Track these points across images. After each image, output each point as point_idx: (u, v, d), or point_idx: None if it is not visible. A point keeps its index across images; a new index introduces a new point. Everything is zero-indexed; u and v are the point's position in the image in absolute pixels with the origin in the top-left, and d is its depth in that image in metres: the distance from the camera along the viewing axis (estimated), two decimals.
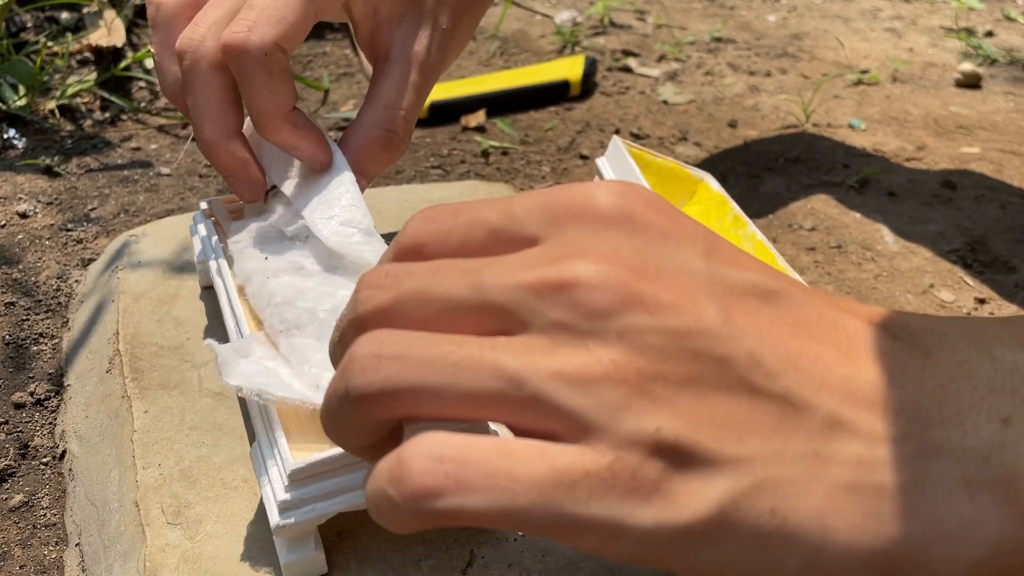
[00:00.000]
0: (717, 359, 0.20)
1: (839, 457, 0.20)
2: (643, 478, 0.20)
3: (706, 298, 0.21)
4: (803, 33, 0.94)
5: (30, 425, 0.42)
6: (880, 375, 0.21)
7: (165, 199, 0.60)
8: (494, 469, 0.20)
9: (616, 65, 0.83)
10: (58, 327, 0.48)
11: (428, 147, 0.68)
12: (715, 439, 0.20)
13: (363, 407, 0.22)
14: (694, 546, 0.20)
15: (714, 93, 0.79)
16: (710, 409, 0.20)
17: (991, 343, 0.21)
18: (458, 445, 0.20)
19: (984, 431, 0.20)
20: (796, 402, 0.20)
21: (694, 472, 0.20)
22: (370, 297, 0.23)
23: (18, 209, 0.58)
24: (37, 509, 0.38)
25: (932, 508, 0.20)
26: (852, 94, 0.80)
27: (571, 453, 0.20)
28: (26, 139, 0.66)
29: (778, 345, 0.21)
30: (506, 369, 0.20)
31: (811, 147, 0.70)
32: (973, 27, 0.96)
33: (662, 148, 0.69)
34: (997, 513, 0.20)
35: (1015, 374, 0.21)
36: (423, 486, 0.20)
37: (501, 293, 0.21)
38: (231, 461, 0.35)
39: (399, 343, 0.22)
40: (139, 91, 0.75)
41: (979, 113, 0.77)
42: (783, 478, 0.20)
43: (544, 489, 0.20)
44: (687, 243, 0.22)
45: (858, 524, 0.20)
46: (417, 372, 0.21)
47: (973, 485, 0.20)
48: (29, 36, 0.78)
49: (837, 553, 0.20)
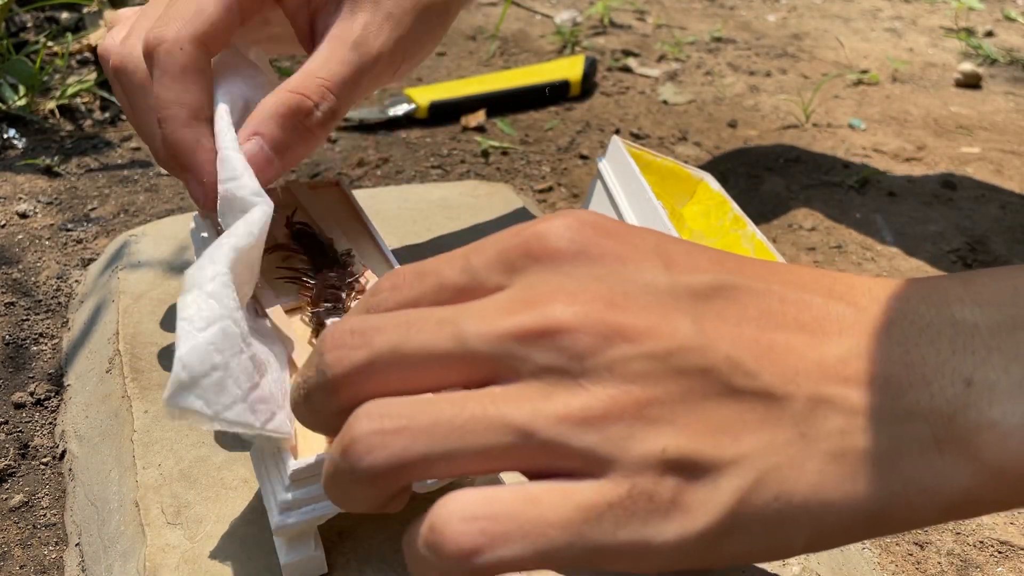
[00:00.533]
0: (700, 371, 0.22)
1: (824, 432, 0.22)
2: (660, 498, 0.21)
3: (676, 313, 0.22)
4: (803, 33, 0.94)
5: (30, 425, 0.42)
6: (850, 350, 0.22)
7: (165, 199, 0.60)
8: (526, 518, 0.21)
9: (616, 65, 0.83)
10: (58, 327, 0.48)
11: (428, 147, 0.68)
12: (715, 445, 0.21)
13: (375, 483, 0.22)
14: (714, 546, 0.21)
15: (714, 93, 0.79)
16: (704, 418, 0.21)
17: (951, 305, 0.22)
18: (485, 501, 0.21)
19: (949, 392, 0.21)
20: (777, 394, 0.22)
21: (703, 480, 0.21)
22: (340, 359, 0.23)
23: (18, 209, 0.58)
24: (37, 509, 0.38)
25: (909, 466, 0.21)
26: (852, 94, 0.80)
27: (591, 489, 0.21)
28: (26, 139, 0.66)
29: (750, 343, 0.22)
30: (513, 422, 0.21)
31: (811, 147, 0.70)
32: (973, 27, 0.96)
33: (662, 148, 0.69)
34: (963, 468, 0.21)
35: (975, 335, 0.22)
36: (461, 548, 0.20)
37: (484, 343, 0.22)
38: (231, 461, 0.35)
39: (399, 414, 0.22)
40: None
41: (979, 113, 0.77)
42: (779, 465, 0.21)
43: (574, 527, 0.21)
44: (645, 262, 0.23)
45: (848, 489, 0.21)
46: (425, 441, 0.21)
47: (942, 442, 0.21)
48: (29, 36, 0.78)
49: (835, 518, 0.21)
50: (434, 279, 0.24)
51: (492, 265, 0.23)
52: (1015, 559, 0.36)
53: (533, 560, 0.21)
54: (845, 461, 0.21)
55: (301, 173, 0.64)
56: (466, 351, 0.22)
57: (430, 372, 0.22)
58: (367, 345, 0.23)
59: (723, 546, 0.21)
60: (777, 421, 0.22)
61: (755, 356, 0.22)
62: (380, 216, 0.50)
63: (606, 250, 0.23)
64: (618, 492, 0.21)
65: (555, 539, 0.21)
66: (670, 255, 0.24)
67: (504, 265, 0.23)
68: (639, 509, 0.21)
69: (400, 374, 0.22)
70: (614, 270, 0.23)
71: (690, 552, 0.21)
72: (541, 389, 0.21)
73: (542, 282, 0.23)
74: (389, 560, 0.31)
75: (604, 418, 0.21)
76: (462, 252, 0.24)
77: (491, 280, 0.23)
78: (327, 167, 0.65)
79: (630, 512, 0.21)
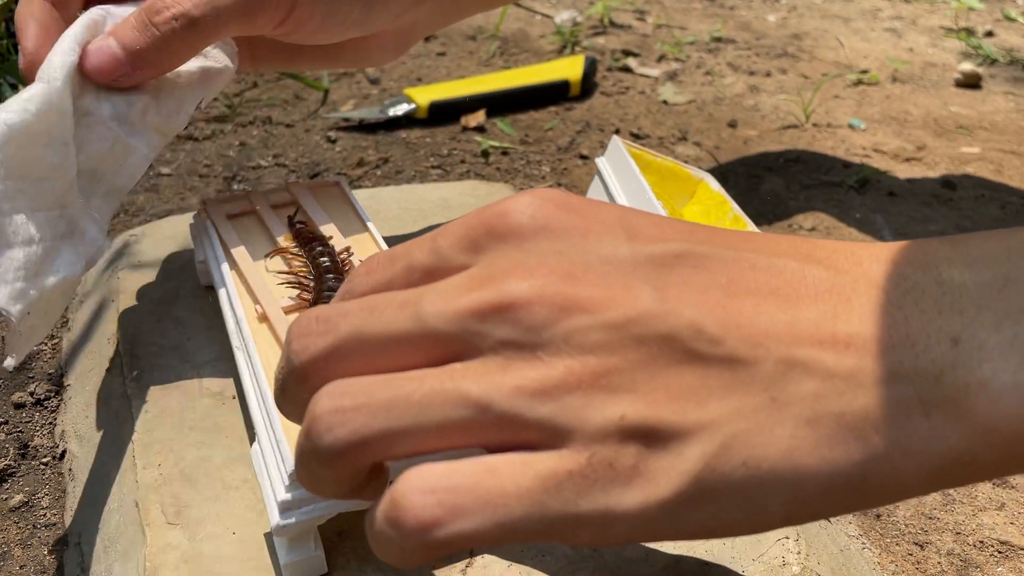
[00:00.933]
0: (662, 338, 0.21)
1: (795, 397, 0.21)
2: (620, 465, 0.21)
3: (637, 282, 0.22)
4: (803, 33, 0.94)
5: (30, 425, 0.42)
6: (824, 313, 0.22)
7: (165, 199, 0.60)
8: (484, 489, 0.21)
9: (616, 65, 0.83)
10: (58, 327, 0.48)
11: (428, 147, 0.68)
12: (678, 412, 0.21)
13: (337, 463, 0.22)
14: (682, 515, 0.21)
15: (714, 93, 0.79)
16: (667, 385, 0.21)
17: (938, 265, 0.22)
18: (445, 473, 0.21)
19: (935, 352, 0.21)
20: (743, 358, 0.21)
21: (666, 447, 0.21)
22: (306, 347, 0.23)
23: None
24: (37, 509, 0.38)
25: (893, 428, 0.21)
26: (852, 94, 0.80)
27: (551, 459, 0.21)
28: None
29: (715, 309, 0.22)
30: (470, 396, 0.21)
31: (811, 147, 0.70)
32: (973, 27, 0.96)
33: (662, 148, 0.69)
34: (952, 429, 0.20)
35: (963, 294, 0.21)
36: (420, 520, 0.20)
37: (444, 322, 0.22)
38: (231, 461, 0.35)
39: (359, 392, 0.22)
40: None
41: (979, 113, 0.77)
42: (747, 430, 0.21)
43: (534, 497, 0.21)
44: (607, 235, 0.23)
45: (825, 454, 0.21)
46: (384, 418, 0.21)
47: (928, 404, 0.20)
48: None
49: (812, 484, 0.21)
50: (404, 261, 0.24)
51: (457, 245, 0.24)
52: (1015, 559, 0.36)
53: (494, 533, 0.21)
54: (820, 426, 0.21)
55: (301, 173, 0.64)
56: (426, 331, 0.22)
57: (393, 354, 0.22)
58: (331, 331, 0.23)
59: (692, 516, 0.21)
60: (745, 386, 0.21)
61: (720, 321, 0.21)
62: (380, 216, 0.50)
63: (568, 225, 0.23)
64: (577, 461, 0.21)
65: (515, 510, 0.21)
66: (635, 227, 0.23)
67: (468, 244, 0.23)
68: (600, 477, 0.21)
69: (364, 357, 0.23)
70: (575, 243, 0.23)
71: (657, 521, 0.21)
72: (499, 363, 0.21)
73: (503, 259, 0.23)
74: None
75: (560, 388, 0.21)
76: (431, 234, 0.24)
77: (456, 260, 0.23)
78: (327, 167, 0.65)
79: (590, 480, 0.21)
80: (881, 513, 0.38)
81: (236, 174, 0.63)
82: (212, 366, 0.39)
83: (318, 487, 0.23)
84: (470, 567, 0.31)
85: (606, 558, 0.31)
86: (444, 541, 0.20)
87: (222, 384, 0.39)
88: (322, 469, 0.22)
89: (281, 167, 0.64)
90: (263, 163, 0.65)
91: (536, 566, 0.31)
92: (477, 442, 0.22)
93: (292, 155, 0.66)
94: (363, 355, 0.23)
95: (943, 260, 0.22)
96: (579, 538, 0.21)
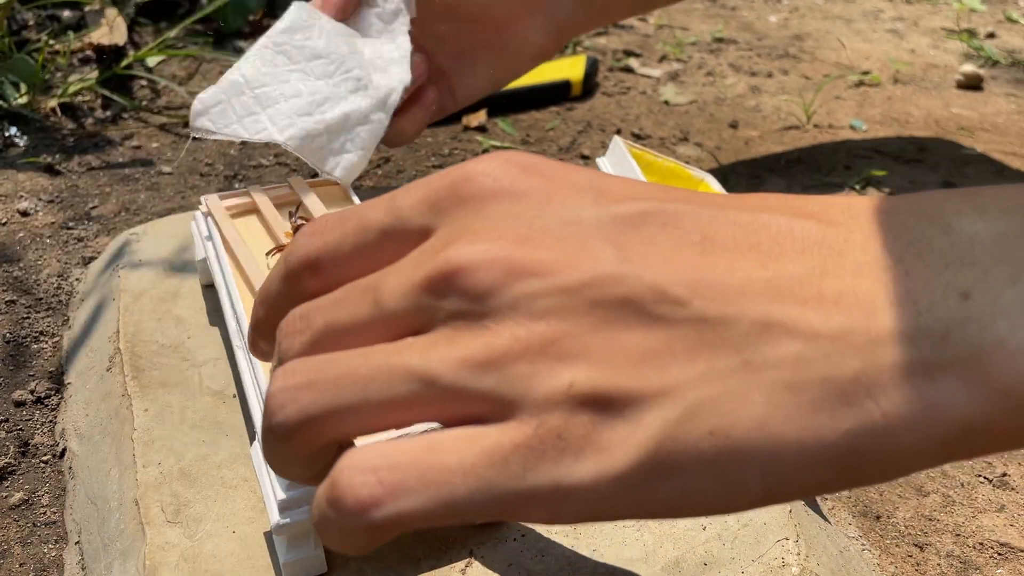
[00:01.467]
0: (619, 301, 0.20)
1: (773, 360, 0.19)
2: (570, 436, 0.19)
3: (598, 243, 0.20)
4: (805, 34, 0.93)
5: (30, 423, 0.42)
6: (811, 268, 0.20)
7: (166, 198, 0.60)
8: (426, 466, 0.20)
9: (617, 65, 0.83)
10: (58, 325, 0.48)
11: (429, 147, 0.68)
12: (635, 377, 0.19)
13: (290, 441, 0.21)
14: (643, 489, 0.19)
15: (715, 94, 0.79)
16: (624, 350, 0.19)
17: (947, 216, 0.20)
18: (386, 451, 0.20)
19: (941, 309, 0.18)
20: (711, 319, 0.19)
21: (622, 416, 0.19)
22: (291, 345, 0.23)
23: (19, 207, 0.58)
24: (37, 507, 0.38)
25: (891, 394, 0.18)
26: (853, 95, 0.80)
27: (497, 432, 0.20)
28: (27, 137, 0.66)
29: (682, 267, 0.20)
30: (415, 370, 0.20)
31: (812, 148, 0.70)
32: (975, 28, 0.96)
33: (663, 148, 0.69)
34: (962, 392, 0.18)
35: (975, 244, 0.19)
36: (359, 500, 0.19)
37: (398, 300, 0.21)
38: (231, 460, 0.35)
39: (309, 370, 0.21)
40: (140, 90, 0.75)
41: (980, 115, 0.77)
42: (715, 396, 0.19)
43: (478, 472, 0.19)
44: (572, 197, 0.21)
45: (808, 423, 0.19)
46: (331, 394, 0.21)
47: (934, 366, 0.18)
48: (31, 34, 0.78)
49: (794, 457, 0.19)
50: (356, 221, 0.23)
51: (416, 206, 0.22)
52: (1015, 561, 0.36)
53: (439, 512, 0.19)
54: (802, 391, 0.19)
55: (303, 172, 0.64)
56: (384, 312, 0.22)
57: (359, 340, 0.22)
58: (309, 328, 0.23)
59: (656, 491, 0.19)
60: (713, 348, 0.19)
61: (687, 281, 0.20)
62: None
63: (532, 187, 0.22)
64: (524, 432, 0.19)
65: (458, 487, 0.19)
66: (604, 188, 0.22)
67: (429, 206, 0.22)
68: (548, 449, 0.19)
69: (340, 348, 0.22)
70: (536, 206, 0.21)
71: (616, 497, 0.19)
72: (447, 335, 0.20)
73: (458, 225, 0.21)
74: (388, 560, 0.31)
75: (506, 358, 0.20)
76: (389, 195, 0.23)
77: (415, 220, 0.22)
78: None
79: (538, 453, 0.19)
80: (881, 515, 0.38)
81: (237, 173, 0.63)
82: (212, 365, 0.39)
83: (283, 468, 0.23)
84: (469, 567, 0.31)
85: (605, 558, 0.31)
86: (385, 521, 0.19)
87: (222, 383, 0.39)
88: (280, 447, 0.22)
89: (282, 166, 0.64)
90: (264, 162, 0.65)
91: (535, 566, 0.31)
92: (427, 418, 0.21)
93: (292, 154, 0.66)
94: (334, 346, 0.22)
95: (952, 211, 0.20)
96: (533, 515, 0.20)
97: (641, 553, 0.31)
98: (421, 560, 0.31)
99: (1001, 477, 0.40)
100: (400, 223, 0.23)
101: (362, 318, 0.22)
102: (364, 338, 0.22)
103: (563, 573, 0.30)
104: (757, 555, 0.31)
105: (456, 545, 0.31)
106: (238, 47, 0.82)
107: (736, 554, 0.31)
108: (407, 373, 0.20)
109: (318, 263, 0.24)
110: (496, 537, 0.32)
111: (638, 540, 0.32)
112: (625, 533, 0.32)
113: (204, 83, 0.77)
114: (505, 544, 0.31)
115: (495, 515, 0.20)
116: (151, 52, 0.76)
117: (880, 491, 0.39)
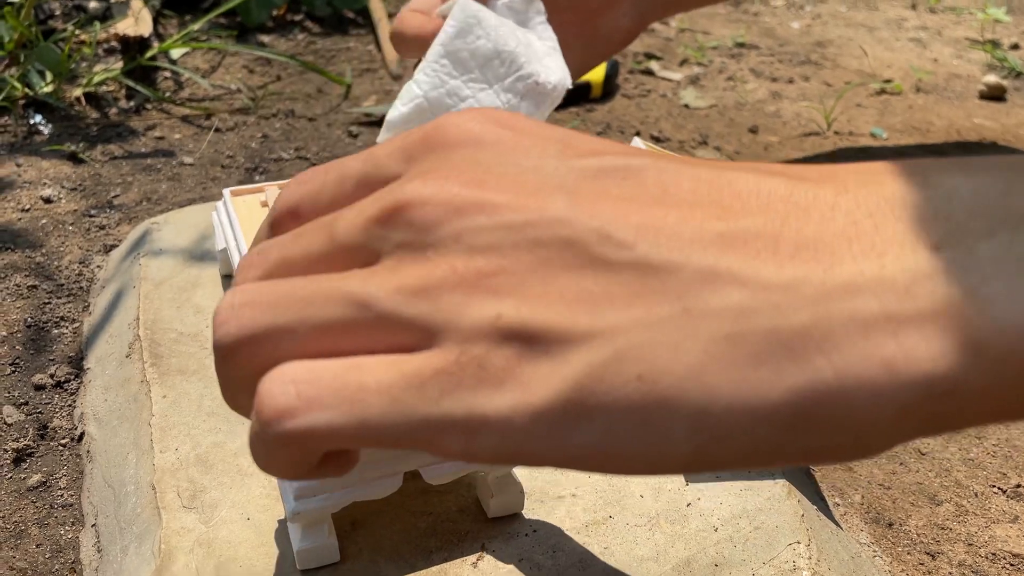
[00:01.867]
0: (562, 242, 0.20)
1: (714, 309, 0.18)
2: (492, 366, 0.19)
3: (552, 190, 0.20)
4: (827, 41, 0.93)
5: (50, 407, 0.42)
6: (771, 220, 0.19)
7: (187, 188, 0.60)
8: (343, 382, 0.20)
9: (638, 68, 0.83)
10: (79, 311, 0.48)
11: None
12: (566, 316, 0.19)
13: (229, 359, 0.22)
14: (560, 428, 0.19)
15: (736, 98, 0.79)
16: (560, 289, 0.19)
17: (928, 173, 0.19)
18: (309, 367, 0.20)
19: (908, 260, 0.17)
20: (655, 264, 0.19)
21: (547, 352, 0.19)
22: (245, 276, 0.23)
23: (42, 194, 0.58)
24: (55, 489, 0.38)
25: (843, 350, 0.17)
26: (875, 103, 0.79)
27: (420, 358, 0.20)
28: (52, 125, 0.67)
29: (633, 215, 0.20)
30: (352, 294, 0.20)
31: (832, 155, 0.70)
32: (998, 39, 0.95)
33: (682, 152, 0.69)
34: (926, 349, 0.17)
35: (952, 198, 0.18)
36: (275, 409, 0.20)
37: (350, 234, 0.22)
38: (247, 448, 0.35)
39: (252, 291, 0.22)
40: (164, 81, 0.75)
41: (1003, 125, 0.76)
42: (648, 342, 0.18)
43: (394, 394, 0.20)
44: (538, 148, 0.22)
45: (746, 377, 0.18)
46: (271, 314, 0.21)
47: (895, 319, 0.17)
48: (57, 24, 0.79)
49: (728, 412, 0.18)
50: (337, 171, 0.24)
51: (393, 155, 0.23)
52: None
53: (351, 430, 0.20)
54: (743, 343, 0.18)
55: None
56: (336, 245, 0.22)
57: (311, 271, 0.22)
58: (264, 263, 0.23)
59: (575, 433, 0.19)
60: (653, 294, 0.19)
61: (635, 226, 0.19)
62: None
63: (500, 138, 0.22)
64: (446, 359, 0.19)
65: (372, 406, 0.19)
66: (572, 143, 0.22)
67: (403, 154, 0.23)
68: (467, 377, 0.19)
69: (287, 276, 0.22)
70: (499, 154, 0.22)
71: (532, 435, 0.19)
72: (391, 265, 0.21)
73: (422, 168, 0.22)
74: (401, 551, 0.31)
75: (440, 287, 0.20)
76: (371, 148, 0.24)
77: (389, 168, 0.23)
78: None
79: (456, 380, 0.19)
80: (893, 522, 0.38)
81: (258, 166, 0.64)
82: None
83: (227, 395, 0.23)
84: (481, 560, 0.31)
85: (616, 556, 0.31)
86: (296, 433, 0.20)
87: None
88: (223, 368, 0.22)
89: (303, 160, 0.65)
90: (284, 155, 0.65)
91: (546, 561, 0.31)
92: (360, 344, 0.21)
93: (314, 148, 0.66)
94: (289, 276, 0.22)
95: (935, 169, 0.19)
96: (447, 446, 0.20)
97: (652, 552, 0.31)
98: (433, 552, 0.31)
99: (1015, 488, 0.40)
100: (376, 170, 0.23)
101: (315, 251, 0.22)
102: (315, 270, 0.22)
103: (573, 570, 0.31)
104: (768, 558, 0.31)
105: (468, 539, 0.32)
106: (261, 41, 0.83)
107: (747, 556, 0.31)
108: (344, 297, 0.21)
109: (298, 210, 0.24)
110: (508, 532, 0.32)
111: (649, 539, 0.32)
112: (636, 532, 0.32)
113: (227, 76, 0.77)
114: (517, 539, 0.32)
115: (409, 441, 0.20)
116: (175, 44, 0.76)
117: (893, 498, 0.39)
